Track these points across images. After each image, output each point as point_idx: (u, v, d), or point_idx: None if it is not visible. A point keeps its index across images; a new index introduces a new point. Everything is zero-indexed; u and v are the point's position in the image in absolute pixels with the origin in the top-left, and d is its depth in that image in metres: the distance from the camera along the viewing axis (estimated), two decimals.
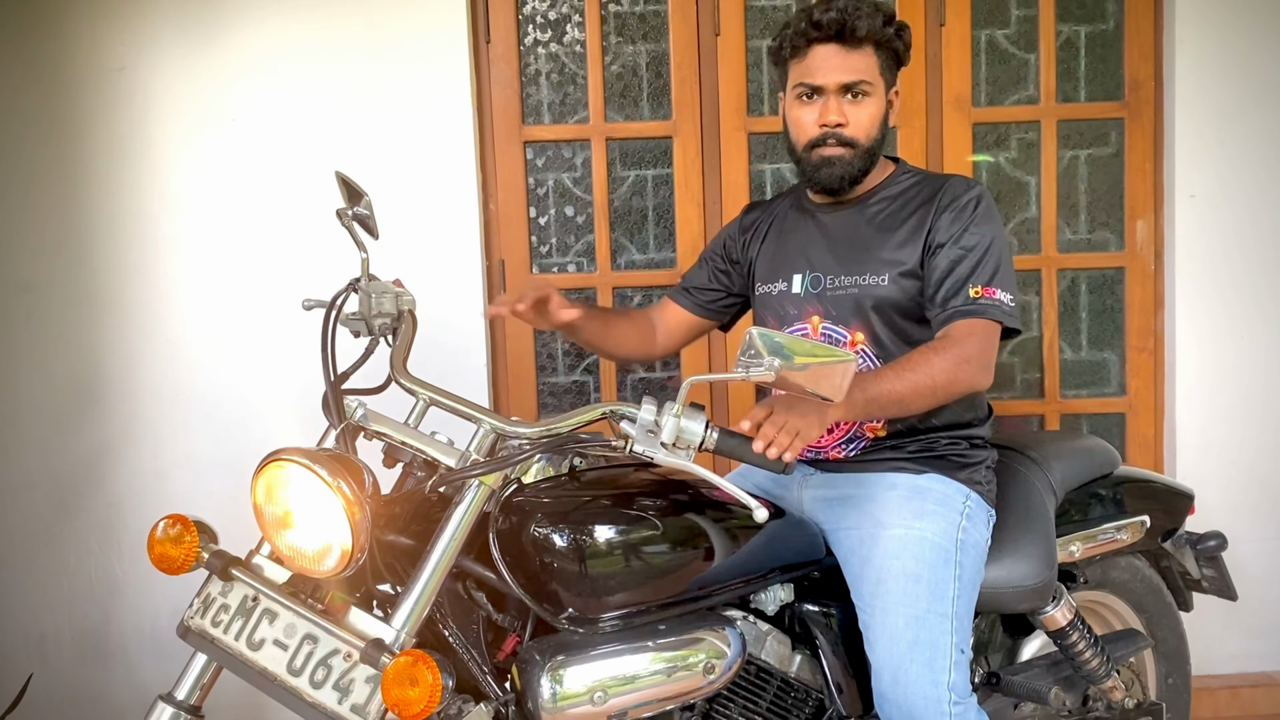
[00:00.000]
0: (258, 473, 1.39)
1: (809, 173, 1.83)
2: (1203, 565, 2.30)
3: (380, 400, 1.61)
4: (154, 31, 2.73)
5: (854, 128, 1.77)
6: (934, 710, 1.58)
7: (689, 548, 1.60)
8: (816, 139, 1.78)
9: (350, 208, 1.75)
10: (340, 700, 1.36)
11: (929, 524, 1.71)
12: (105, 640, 2.85)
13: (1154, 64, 2.89)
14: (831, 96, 1.77)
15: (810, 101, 1.79)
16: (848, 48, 1.75)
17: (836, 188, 1.82)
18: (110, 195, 2.76)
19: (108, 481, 2.83)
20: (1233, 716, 2.90)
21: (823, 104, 1.77)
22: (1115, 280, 2.96)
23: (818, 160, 1.80)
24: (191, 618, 1.49)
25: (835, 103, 1.76)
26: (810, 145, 1.80)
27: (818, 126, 1.78)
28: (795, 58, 1.80)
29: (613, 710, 1.50)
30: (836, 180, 1.80)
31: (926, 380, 1.59)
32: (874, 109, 1.79)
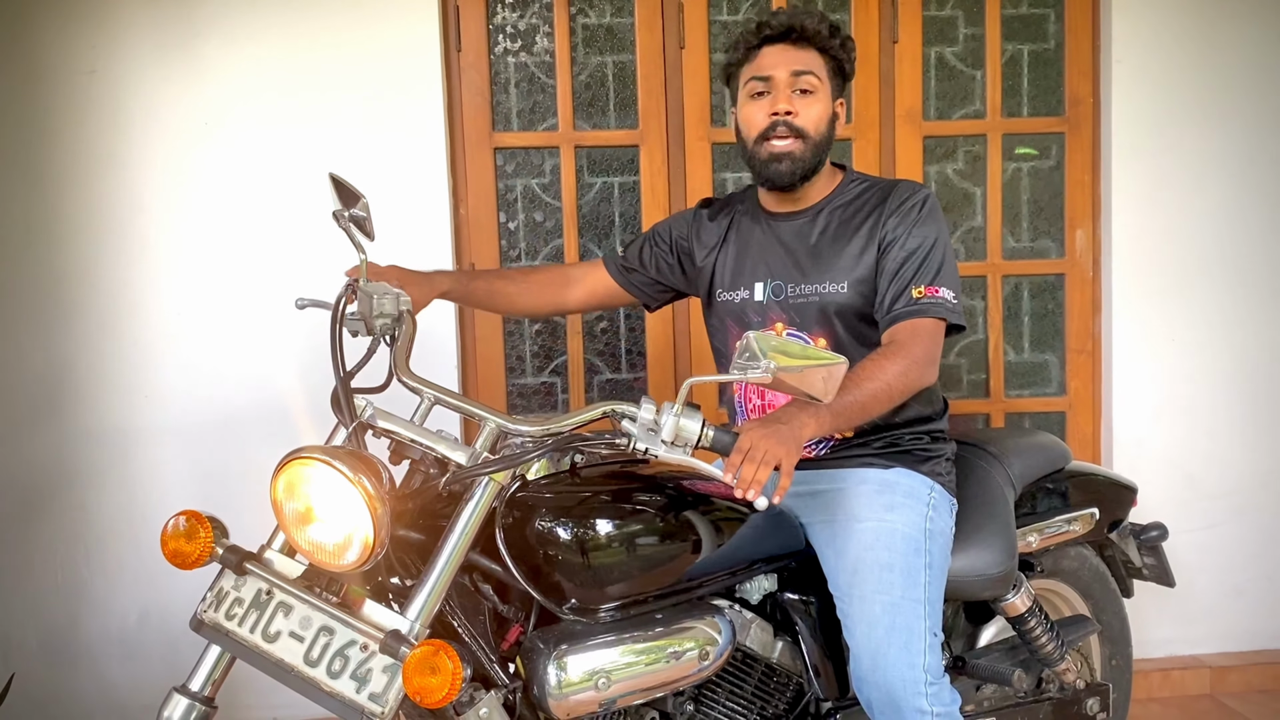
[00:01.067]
0: (278, 470, 1.43)
1: (760, 169, 1.88)
2: (1144, 554, 2.45)
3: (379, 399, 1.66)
4: (126, 35, 2.74)
5: (803, 118, 1.84)
6: (911, 690, 1.69)
7: (682, 540, 1.69)
8: (766, 129, 1.85)
9: (346, 209, 1.76)
10: (358, 689, 1.41)
11: (899, 516, 1.82)
12: (72, 643, 2.85)
13: (1092, 81, 3.06)
14: (781, 87, 1.84)
15: (761, 98, 1.86)
16: (795, 46, 1.85)
17: (789, 184, 1.88)
18: (79, 198, 2.76)
19: (75, 484, 2.82)
20: (1165, 697, 3.08)
21: (772, 96, 1.85)
22: (1056, 286, 3.12)
23: (768, 155, 1.86)
24: (205, 611, 1.52)
25: (785, 92, 1.84)
26: (761, 137, 1.86)
27: (768, 116, 1.84)
28: (747, 61, 1.88)
29: (613, 696, 1.58)
30: (788, 176, 1.86)
31: (883, 387, 1.68)
32: (821, 107, 1.87)
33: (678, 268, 2.12)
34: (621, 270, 2.15)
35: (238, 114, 2.78)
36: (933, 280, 1.81)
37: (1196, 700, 3.06)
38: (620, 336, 3.05)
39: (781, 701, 1.87)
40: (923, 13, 3.01)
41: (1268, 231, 3.07)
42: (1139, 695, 3.05)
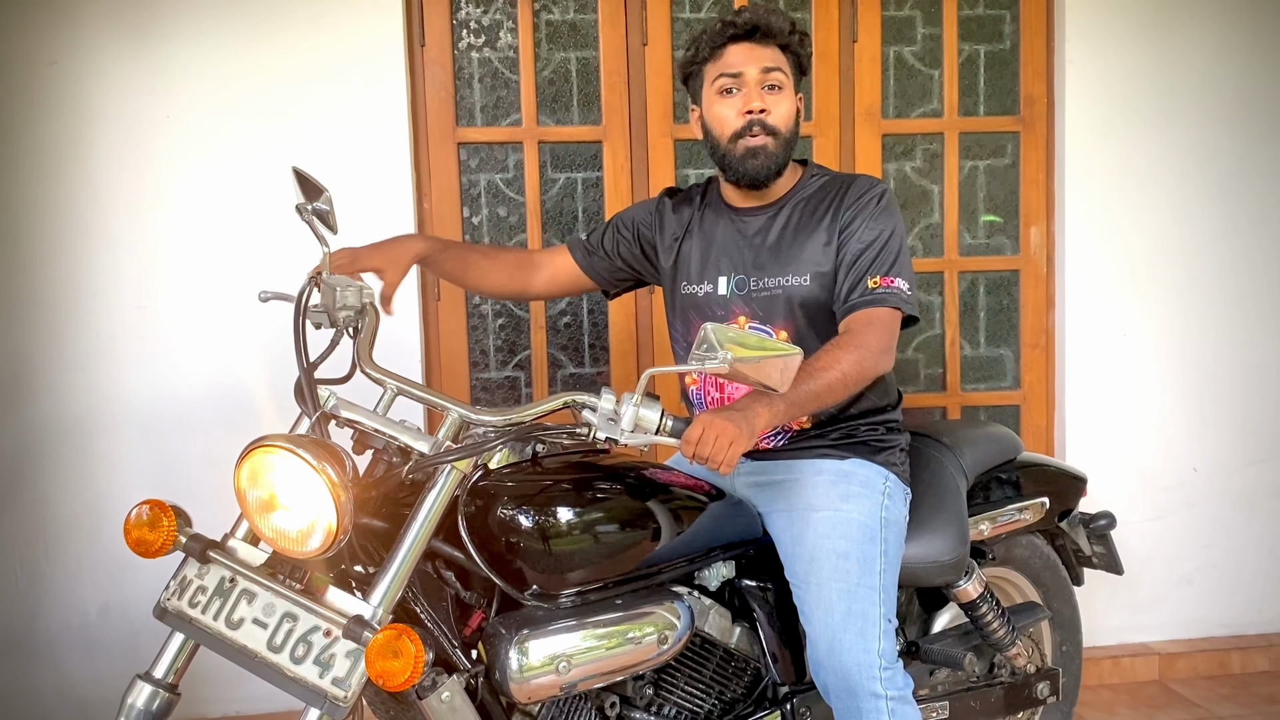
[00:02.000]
0: (242, 458, 1.45)
1: (735, 165, 1.89)
2: (1094, 543, 2.52)
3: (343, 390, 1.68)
4: (87, 26, 2.73)
5: (775, 116, 1.87)
6: (867, 675, 1.73)
7: (642, 528, 1.72)
8: (741, 129, 1.86)
9: (309, 203, 1.78)
10: (321, 674, 1.43)
11: (855, 505, 1.86)
12: (31, 637, 2.83)
13: (1046, 82, 3.12)
14: (752, 85, 1.86)
15: (731, 95, 1.87)
16: (760, 44, 1.86)
17: (762, 178, 1.90)
18: (40, 190, 2.75)
19: (35, 477, 2.80)
20: (1115, 683, 3.16)
21: (745, 94, 1.86)
22: (1011, 282, 3.19)
23: (744, 151, 1.87)
24: (168, 599, 1.53)
25: (756, 90, 1.86)
26: (735, 136, 1.87)
27: (742, 115, 1.86)
28: (712, 59, 1.89)
29: (574, 679, 1.61)
30: (763, 171, 1.88)
31: (838, 376, 1.71)
32: (789, 103, 1.90)
33: (641, 256, 2.13)
34: (585, 253, 2.15)
35: (200, 107, 2.78)
36: (888, 271, 1.85)
37: (1145, 686, 3.14)
38: (583, 330, 3.07)
39: (739, 686, 1.91)
40: (882, 13, 3.06)
41: (1217, 229, 3.15)
42: (1090, 682, 3.14)
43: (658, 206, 2.13)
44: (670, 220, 2.09)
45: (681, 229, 2.07)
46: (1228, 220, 3.15)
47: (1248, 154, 3.13)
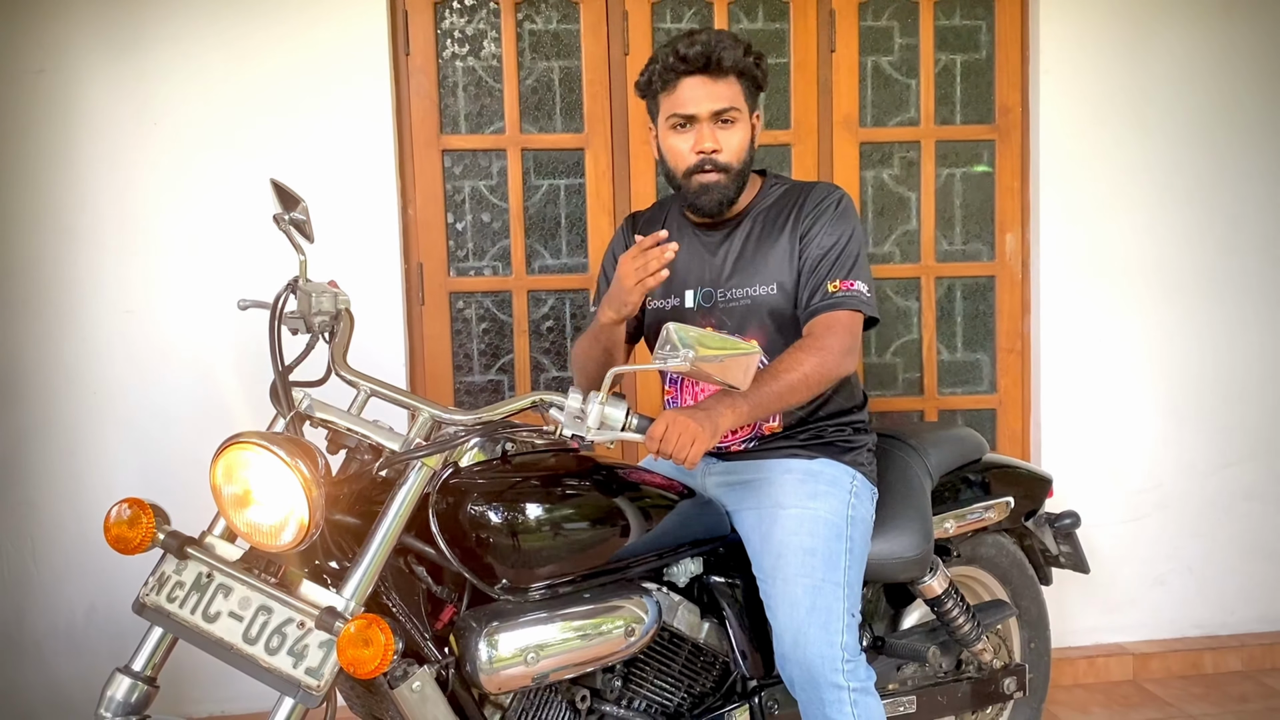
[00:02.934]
0: (217, 455, 1.49)
1: (690, 199, 1.95)
2: (1060, 542, 2.57)
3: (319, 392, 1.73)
4: (74, 35, 2.78)
5: (727, 153, 1.91)
6: (830, 667, 1.78)
7: (610, 525, 1.77)
8: (694, 166, 1.91)
9: (286, 213, 1.83)
10: (295, 664, 1.47)
11: (822, 503, 1.91)
12: (18, 637, 2.87)
13: (1021, 91, 3.18)
14: (704, 124, 1.89)
15: (684, 130, 1.91)
16: (714, 78, 1.88)
17: (716, 213, 1.96)
18: (28, 195, 2.80)
19: (21, 479, 2.85)
20: (1090, 683, 3.20)
21: (696, 132, 1.90)
22: (987, 288, 3.24)
23: (697, 188, 1.92)
24: (147, 595, 1.58)
25: (709, 130, 1.89)
26: (689, 173, 1.92)
27: (694, 154, 1.90)
28: (665, 91, 1.92)
29: (543, 670, 1.65)
30: (715, 205, 1.94)
31: (800, 377, 1.76)
32: (742, 134, 1.93)
33: None
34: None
35: (185, 114, 2.83)
36: (847, 275, 1.90)
37: (1119, 686, 3.18)
38: (565, 335, 3.12)
39: (708, 680, 1.96)
40: (860, 23, 3.11)
41: (1191, 236, 3.21)
42: (1065, 682, 3.19)
43: (626, 234, 2.17)
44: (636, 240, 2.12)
45: None
46: (1199, 228, 3.20)
47: (1219, 164, 3.19)
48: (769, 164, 3.09)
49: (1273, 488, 3.30)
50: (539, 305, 3.10)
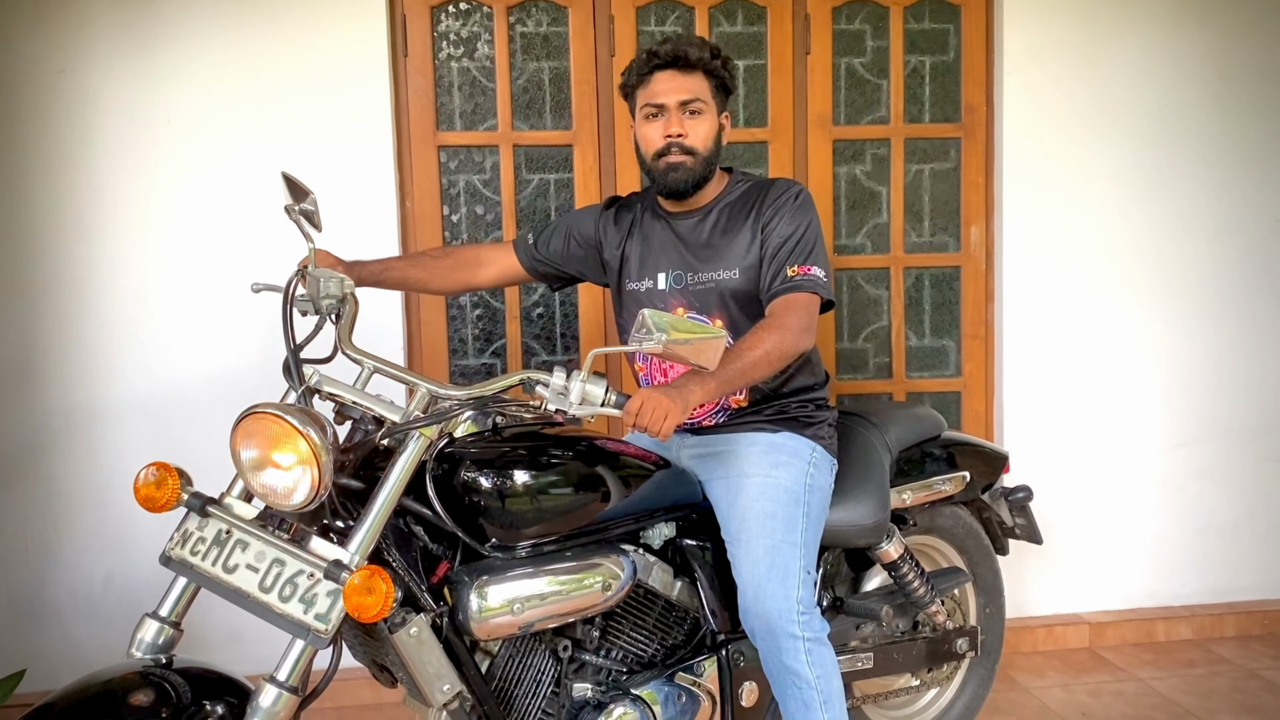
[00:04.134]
0: (237, 424, 1.67)
1: (658, 179, 2.14)
2: (1015, 514, 2.75)
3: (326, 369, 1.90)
4: (93, 37, 2.94)
5: (693, 138, 2.10)
6: (787, 619, 1.96)
7: (590, 491, 1.95)
8: (662, 149, 2.10)
9: (297, 204, 2.00)
10: (306, 610, 1.65)
11: (783, 473, 2.09)
12: (41, 603, 3.05)
13: (986, 91, 3.36)
14: (673, 112, 2.09)
15: (655, 119, 2.11)
16: (682, 72, 2.08)
17: (683, 191, 2.14)
18: (50, 189, 2.97)
19: (44, 455, 3.02)
20: (1048, 650, 3.40)
21: (665, 119, 2.10)
22: (953, 277, 3.43)
23: (665, 167, 2.11)
24: (172, 549, 1.75)
25: (676, 117, 2.09)
26: (658, 155, 2.11)
27: (663, 138, 2.10)
28: (640, 85, 2.12)
29: (527, 620, 1.84)
30: (682, 184, 2.12)
31: (763, 355, 1.94)
32: (708, 125, 2.12)
33: (585, 260, 2.37)
34: (529, 257, 2.40)
35: (198, 112, 3.00)
36: (805, 261, 2.08)
37: (1076, 653, 3.38)
38: (555, 321, 3.30)
39: (680, 633, 2.15)
40: (833, 27, 3.29)
41: (1144, 230, 3.39)
42: (1025, 649, 3.38)
43: (600, 216, 2.36)
44: (613, 228, 2.32)
45: (623, 234, 2.30)
46: (1153, 221, 3.39)
47: (1171, 161, 3.38)
48: (748, 160, 3.29)
49: (1222, 468, 3.50)
50: (530, 293, 3.27)
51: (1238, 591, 3.55)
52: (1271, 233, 3.45)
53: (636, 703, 2.00)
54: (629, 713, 1.98)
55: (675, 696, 2.07)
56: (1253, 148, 3.42)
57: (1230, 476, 3.51)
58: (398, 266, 2.34)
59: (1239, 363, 3.48)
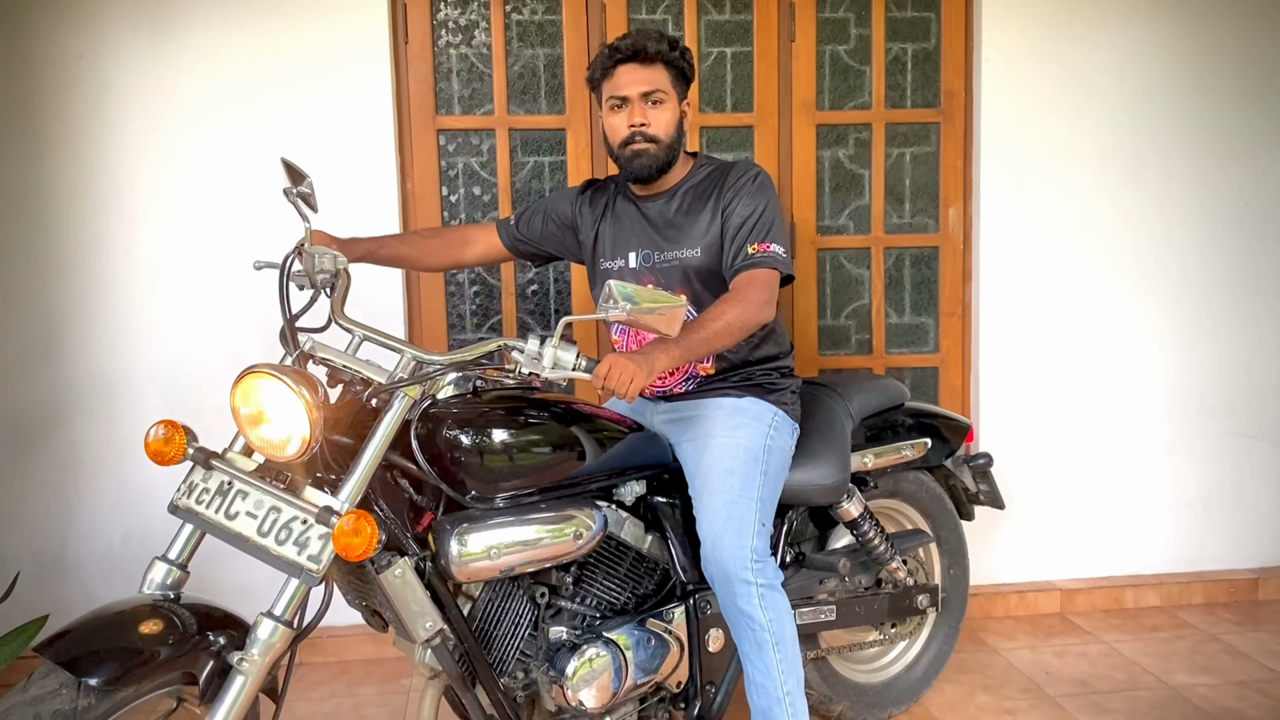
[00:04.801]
0: (236, 382, 1.83)
1: (624, 165, 2.30)
2: (978, 481, 2.90)
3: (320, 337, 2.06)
4: (109, 24, 3.11)
5: (655, 127, 2.25)
6: (741, 566, 2.12)
7: (565, 449, 2.11)
8: (627, 138, 2.25)
9: (294, 187, 2.16)
10: (299, 552, 1.81)
11: (744, 434, 2.25)
12: (62, 561, 3.24)
13: (965, 78, 3.48)
14: (635, 103, 2.23)
15: (619, 110, 2.26)
16: (643, 65, 2.23)
17: (647, 176, 2.29)
18: (68, 171, 3.14)
19: (65, 421, 3.21)
20: (1020, 615, 3.54)
21: (629, 110, 2.24)
22: (932, 257, 3.56)
23: (630, 155, 2.26)
24: (180, 499, 1.92)
25: (639, 108, 2.24)
26: (623, 144, 2.27)
27: (627, 128, 2.25)
28: (605, 79, 2.27)
29: (504, 565, 2.00)
30: (646, 170, 2.27)
31: (723, 325, 2.09)
32: (670, 114, 2.27)
33: (562, 241, 2.55)
34: (511, 237, 2.58)
35: (207, 97, 3.16)
36: (764, 238, 2.23)
37: (1046, 618, 3.52)
38: (549, 297, 3.46)
39: (650, 583, 2.31)
40: (818, 15, 3.42)
41: (1118, 211, 3.52)
42: (997, 614, 3.53)
43: (577, 199, 2.52)
44: (588, 209, 2.49)
45: (598, 215, 2.46)
46: (1127, 203, 3.51)
47: (1145, 145, 3.50)
48: (734, 144, 3.43)
49: (1192, 443, 3.63)
50: (525, 270, 3.43)
51: (1205, 561, 3.68)
52: (1242, 215, 3.57)
53: (609, 645, 2.15)
54: (602, 654, 2.14)
55: (645, 640, 2.22)
56: (1224, 132, 3.53)
57: (1200, 451, 3.64)
58: (389, 244, 2.50)
59: (1210, 341, 3.60)
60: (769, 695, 2.14)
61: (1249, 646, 3.23)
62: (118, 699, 1.65)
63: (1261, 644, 3.25)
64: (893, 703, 2.77)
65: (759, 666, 2.15)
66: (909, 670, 2.83)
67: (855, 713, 2.68)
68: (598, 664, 2.12)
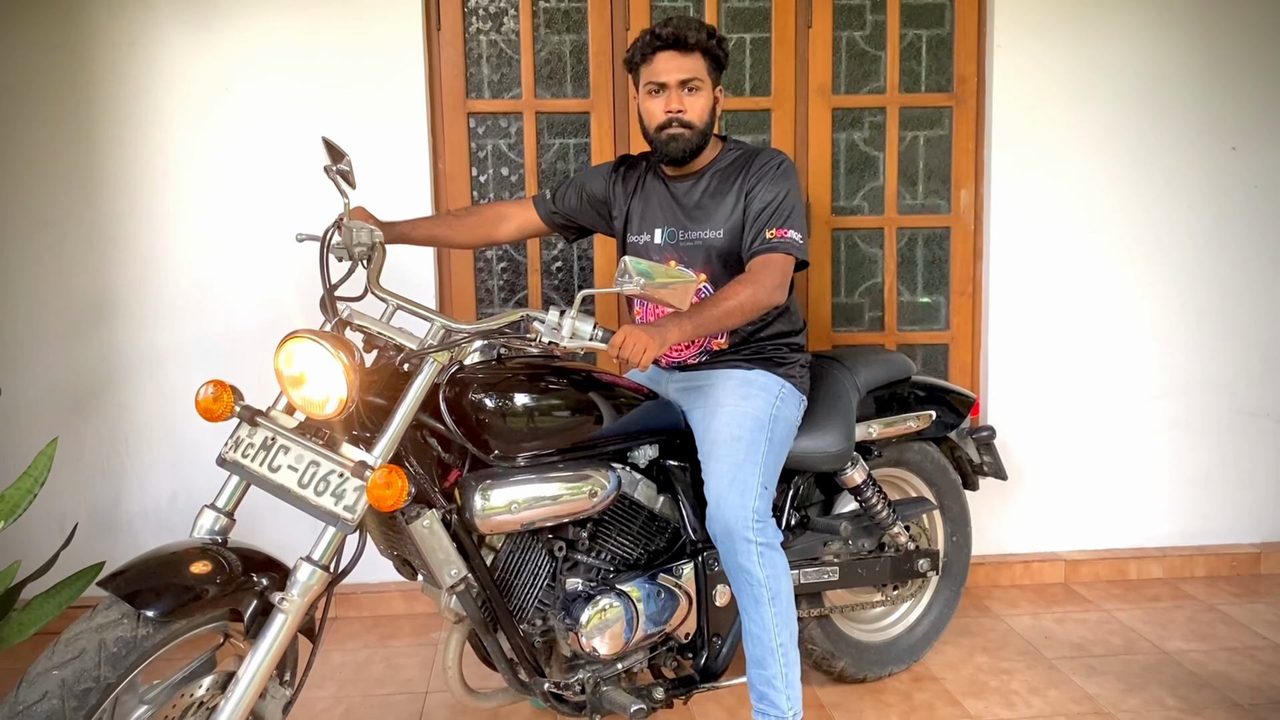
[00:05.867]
0: (280, 345, 1.99)
1: (659, 148, 2.43)
2: (981, 452, 3.03)
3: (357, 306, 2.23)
4: (160, 12, 3.29)
5: (691, 113, 2.37)
6: (743, 525, 2.26)
7: (583, 413, 2.26)
8: (664, 123, 2.38)
9: (334, 165, 2.32)
10: (336, 503, 1.97)
11: (751, 403, 2.39)
12: (115, 517, 3.45)
13: (977, 63, 3.58)
14: (673, 90, 2.36)
15: (657, 95, 2.38)
16: (682, 53, 2.35)
17: (680, 159, 2.42)
18: (121, 149, 3.32)
19: (117, 386, 3.41)
20: (1025, 584, 3.67)
21: (666, 96, 2.37)
22: (943, 237, 3.67)
23: (666, 139, 2.40)
24: (227, 452, 2.08)
25: (676, 94, 2.36)
26: (660, 128, 2.40)
27: (664, 113, 2.38)
28: (644, 63, 2.39)
29: (525, 519, 2.15)
30: (680, 153, 2.41)
31: (735, 304, 2.22)
32: (704, 100, 2.40)
33: (596, 215, 2.68)
34: (548, 211, 2.71)
35: (252, 81, 3.33)
36: (783, 224, 2.36)
37: (1050, 587, 3.65)
38: (573, 273, 3.61)
39: (661, 540, 2.46)
40: (834, 1, 3.53)
41: (1126, 192, 3.61)
42: (1003, 582, 3.65)
43: (610, 176, 2.65)
44: (620, 187, 2.62)
45: (629, 192, 2.60)
46: (1135, 186, 3.60)
47: (1152, 130, 3.58)
48: (752, 127, 3.56)
49: (1197, 419, 3.73)
50: (550, 248, 3.58)
51: (1209, 535, 3.78)
52: (1248, 199, 3.65)
53: (622, 597, 2.31)
54: (615, 605, 2.29)
55: (656, 593, 2.38)
56: (1232, 118, 3.61)
57: (1204, 427, 3.74)
58: (423, 225, 2.64)
59: (1215, 321, 3.69)
60: (763, 645, 2.29)
61: (1245, 616, 3.34)
62: (172, 630, 1.82)
63: (1258, 614, 3.36)
64: (893, 661, 2.91)
65: (755, 619, 2.30)
66: (910, 631, 2.97)
67: (857, 669, 2.83)
68: (611, 614, 2.28)
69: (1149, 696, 2.79)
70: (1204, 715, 2.67)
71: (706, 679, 2.48)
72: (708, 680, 2.48)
